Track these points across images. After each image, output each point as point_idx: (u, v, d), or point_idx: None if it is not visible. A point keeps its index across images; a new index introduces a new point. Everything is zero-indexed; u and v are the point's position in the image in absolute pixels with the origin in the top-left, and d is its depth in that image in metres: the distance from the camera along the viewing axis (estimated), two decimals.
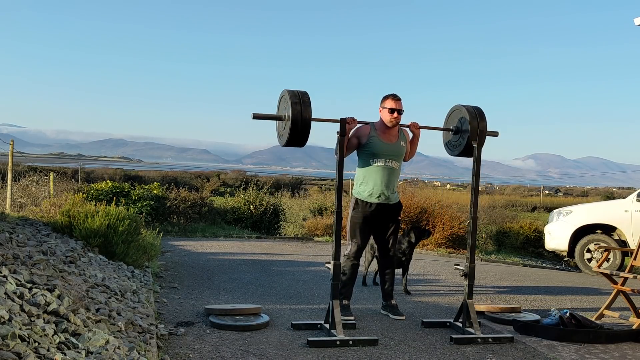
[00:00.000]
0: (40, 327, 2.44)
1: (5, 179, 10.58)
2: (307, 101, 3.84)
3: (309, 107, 3.83)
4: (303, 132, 3.85)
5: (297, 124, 3.80)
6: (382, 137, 4.38)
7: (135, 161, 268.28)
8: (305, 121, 3.81)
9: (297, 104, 3.80)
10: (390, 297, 4.61)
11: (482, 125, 4.30)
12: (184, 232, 10.33)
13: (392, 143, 4.40)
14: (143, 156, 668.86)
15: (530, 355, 3.64)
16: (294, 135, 3.85)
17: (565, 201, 31.13)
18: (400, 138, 4.46)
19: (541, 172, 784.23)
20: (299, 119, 3.79)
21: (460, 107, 4.48)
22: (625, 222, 8.64)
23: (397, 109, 4.30)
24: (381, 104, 4.39)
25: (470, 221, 4.23)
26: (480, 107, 4.38)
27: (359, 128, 4.39)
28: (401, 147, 4.46)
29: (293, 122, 3.80)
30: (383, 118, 4.38)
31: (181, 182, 25.48)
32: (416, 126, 4.50)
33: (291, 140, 3.90)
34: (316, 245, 10.04)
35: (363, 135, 4.38)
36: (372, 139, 4.36)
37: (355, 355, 3.44)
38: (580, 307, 5.41)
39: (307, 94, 3.89)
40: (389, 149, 4.38)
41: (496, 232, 11.94)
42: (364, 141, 4.37)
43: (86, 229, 5.29)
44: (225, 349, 3.38)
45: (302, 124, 3.81)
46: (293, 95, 3.85)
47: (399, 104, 4.32)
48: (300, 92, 3.89)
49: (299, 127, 3.81)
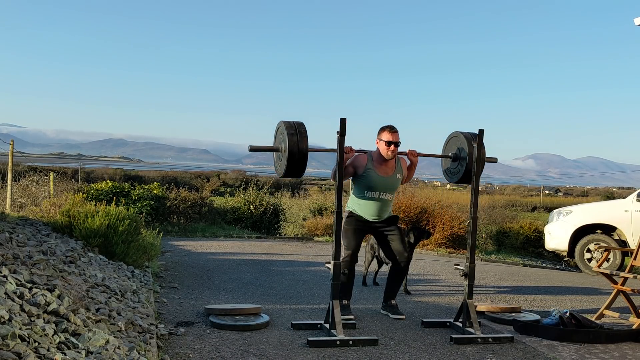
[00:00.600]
0: (40, 327, 2.44)
1: (5, 179, 10.58)
2: (303, 132, 3.82)
3: (305, 137, 3.81)
4: (300, 163, 3.83)
5: (294, 155, 3.78)
6: (378, 169, 4.38)
7: (135, 161, 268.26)
8: (302, 152, 3.80)
9: (293, 135, 3.79)
10: (391, 297, 4.62)
11: (481, 152, 4.28)
12: (184, 232, 10.33)
13: (387, 176, 4.40)
14: (143, 156, 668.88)
15: (530, 355, 3.64)
16: (291, 166, 3.83)
17: (565, 201, 31.14)
18: (397, 170, 4.46)
19: (541, 172, 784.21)
20: (296, 150, 3.78)
21: (458, 134, 4.49)
22: (625, 222, 8.64)
23: (393, 142, 4.28)
24: (378, 135, 4.38)
25: (470, 221, 4.23)
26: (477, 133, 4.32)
27: (356, 157, 4.39)
28: (397, 180, 4.47)
29: (290, 154, 3.78)
30: (380, 150, 4.35)
31: (181, 182, 25.49)
32: (414, 154, 4.50)
33: (289, 172, 3.88)
34: (316, 245, 10.04)
35: (359, 166, 4.38)
36: (369, 172, 4.36)
37: (355, 355, 3.44)
38: (580, 307, 5.41)
39: (303, 125, 3.88)
40: (385, 183, 4.39)
41: (496, 232, 11.94)
42: (360, 172, 4.38)
43: (86, 229, 5.29)
44: (225, 348, 3.38)
45: (299, 155, 3.80)
46: (289, 126, 3.84)
47: (395, 136, 4.30)
48: (297, 123, 3.88)
49: (295, 158, 3.80)
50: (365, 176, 4.37)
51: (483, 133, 4.23)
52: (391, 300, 4.60)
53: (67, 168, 28.51)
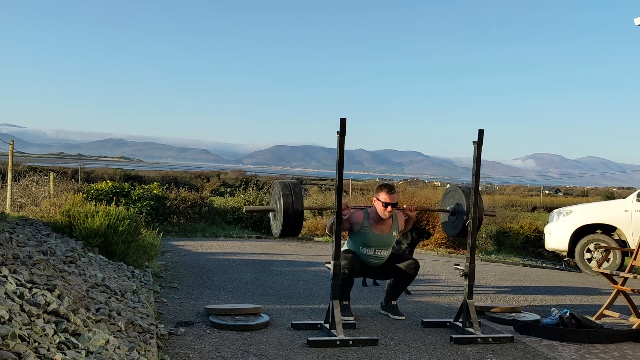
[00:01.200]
0: (40, 327, 2.44)
1: (5, 179, 10.58)
2: (298, 192, 3.85)
3: (300, 198, 3.83)
4: (296, 223, 3.83)
5: (290, 217, 3.79)
6: (375, 228, 4.38)
7: (135, 161, 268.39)
8: (298, 212, 3.81)
9: (288, 196, 3.80)
10: (393, 298, 4.62)
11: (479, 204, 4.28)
12: (184, 232, 10.33)
13: (384, 234, 4.41)
14: (143, 156, 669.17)
15: (530, 355, 3.64)
16: (286, 226, 3.84)
17: (565, 201, 31.12)
18: (393, 228, 4.46)
19: (541, 172, 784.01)
20: (291, 211, 3.79)
21: (455, 188, 4.53)
22: (625, 222, 8.64)
23: (391, 203, 4.29)
24: (375, 194, 4.39)
25: (470, 221, 4.23)
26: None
27: (352, 214, 4.40)
28: (392, 237, 4.49)
29: (285, 215, 3.79)
30: (377, 209, 4.35)
31: (181, 182, 25.49)
32: (411, 209, 4.54)
33: (285, 231, 3.88)
34: (316, 245, 10.04)
35: (355, 223, 4.39)
36: (364, 230, 4.37)
37: (355, 355, 3.44)
38: (580, 307, 5.41)
39: (298, 185, 3.92)
40: (380, 240, 4.40)
41: (496, 232, 11.93)
42: (356, 229, 4.39)
43: (86, 229, 5.29)
44: (225, 348, 3.38)
45: (294, 217, 3.80)
46: (284, 187, 3.86)
47: (393, 197, 4.30)
48: (292, 183, 3.91)
49: (291, 219, 3.80)
50: (361, 234, 4.38)
51: (483, 133, 4.22)
52: (392, 300, 4.61)
53: (67, 168, 28.51)
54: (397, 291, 4.63)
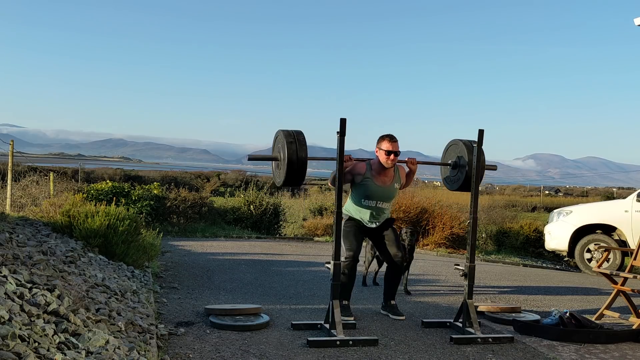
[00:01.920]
0: (40, 327, 2.44)
1: (5, 179, 10.58)
2: (302, 140, 3.81)
3: (304, 146, 3.81)
4: (299, 171, 3.82)
5: (294, 164, 3.77)
6: (377, 179, 4.38)
7: (135, 161, 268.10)
8: (302, 161, 3.79)
9: (292, 144, 3.78)
10: (391, 297, 4.62)
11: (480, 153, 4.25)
12: (184, 232, 10.33)
13: (385, 186, 4.41)
14: (143, 156, 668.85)
15: (530, 355, 3.64)
16: (290, 175, 3.81)
17: (565, 201, 31.12)
18: (395, 180, 4.47)
19: (541, 172, 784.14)
20: (295, 159, 3.77)
21: (457, 142, 4.49)
22: (625, 222, 8.64)
23: (393, 151, 4.29)
24: (377, 144, 4.37)
25: (470, 221, 4.23)
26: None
27: (354, 165, 4.39)
28: (394, 190, 4.48)
29: (289, 163, 3.77)
30: (379, 159, 4.36)
31: (181, 182, 25.49)
32: (413, 162, 4.51)
33: (288, 181, 3.86)
34: (316, 245, 10.04)
35: (358, 174, 4.39)
36: (366, 181, 4.37)
37: (355, 355, 3.44)
38: (580, 307, 5.42)
39: (302, 134, 3.88)
40: (382, 192, 4.40)
41: (496, 232, 11.94)
42: (358, 180, 4.39)
43: (86, 229, 5.29)
44: (225, 349, 3.38)
45: (298, 165, 3.78)
46: (288, 135, 3.83)
47: (395, 145, 4.30)
48: (295, 132, 3.87)
49: (295, 167, 3.78)
50: (363, 185, 4.39)
51: (483, 133, 4.22)
52: (391, 300, 4.61)
53: (67, 168, 28.51)
54: (390, 287, 4.61)
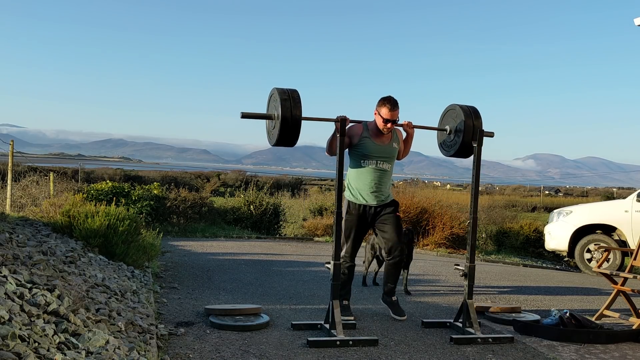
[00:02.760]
0: (40, 327, 2.43)
1: (5, 179, 10.58)
2: (297, 98, 3.73)
3: (299, 104, 3.72)
4: (293, 130, 3.73)
5: (287, 121, 3.69)
6: (374, 138, 4.29)
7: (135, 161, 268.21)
8: (295, 119, 3.71)
9: (286, 101, 3.70)
10: (391, 293, 4.53)
11: (478, 124, 4.22)
12: (184, 232, 10.33)
13: (384, 145, 4.31)
14: (143, 156, 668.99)
15: (530, 356, 3.64)
16: (284, 133, 3.74)
17: (565, 201, 31.13)
18: (393, 139, 4.37)
19: (541, 172, 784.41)
20: (289, 116, 3.69)
21: (454, 107, 4.40)
22: (625, 222, 8.64)
23: (391, 120, 4.17)
24: (377, 107, 4.22)
25: (470, 221, 4.22)
26: (476, 107, 4.30)
27: (351, 127, 4.27)
28: (393, 149, 4.37)
29: (283, 120, 3.69)
30: (377, 123, 4.24)
31: (181, 182, 25.50)
32: (410, 126, 4.37)
33: (281, 139, 3.78)
34: (316, 245, 10.04)
35: (355, 135, 4.28)
36: (364, 140, 4.27)
37: (355, 355, 3.44)
38: (580, 307, 5.42)
39: (297, 92, 3.78)
40: (381, 150, 4.30)
41: (496, 232, 11.94)
42: (356, 141, 4.28)
43: (86, 229, 5.29)
44: (225, 349, 3.38)
45: (292, 122, 3.70)
46: (282, 92, 3.75)
47: (394, 114, 4.17)
48: (290, 90, 3.78)
49: (289, 124, 3.70)
50: (361, 145, 4.27)
51: (483, 133, 4.20)
52: (392, 296, 4.53)
53: (67, 168, 28.52)
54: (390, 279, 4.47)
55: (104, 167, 41.75)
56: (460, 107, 4.33)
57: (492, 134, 4.39)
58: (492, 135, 4.39)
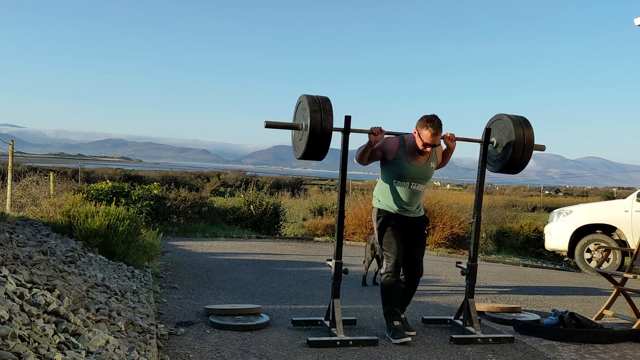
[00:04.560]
0: (40, 327, 2.43)
1: (5, 179, 10.58)
2: (328, 109, 3.43)
3: (330, 115, 3.42)
4: (322, 143, 3.43)
5: (317, 134, 3.38)
6: (411, 158, 3.87)
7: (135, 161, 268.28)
8: (326, 132, 3.40)
9: (317, 112, 3.39)
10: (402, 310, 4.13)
11: (529, 135, 3.86)
12: (184, 232, 10.33)
13: (420, 165, 3.89)
14: (143, 156, 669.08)
15: (530, 355, 3.64)
16: (312, 147, 3.45)
17: (565, 201, 31.12)
18: (431, 159, 3.94)
19: (541, 172, 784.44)
20: (319, 128, 3.38)
21: (502, 117, 4.07)
22: (625, 222, 8.64)
23: (431, 145, 3.75)
24: (418, 127, 3.78)
25: (473, 220, 4.20)
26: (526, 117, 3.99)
27: (386, 141, 3.89)
28: (430, 169, 3.96)
29: (311, 132, 3.39)
30: (417, 143, 3.81)
31: (181, 182, 25.48)
32: (452, 139, 3.98)
33: (309, 153, 3.50)
34: (316, 245, 10.04)
35: (389, 151, 3.88)
36: (399, 160, 3.86)
37: (355, 355, 3.44)
38: (580, 307, 5.41)
39: (328, 101, 3.49)
40: (417, 172, 3.88)
41: (496, 232, 11.94)
42: (390, 159, 3.89)
43: (86, 229, 5.29)
44: (225, 349, 3.38)
45: (321, 135, 3.39)
46: (313, 101, 3.45)
47: (436, 139, 3.73)
48: (321, 98, 3.49)
49: (318, 138, 3.40)
50: (395, 163, 3.87)
51: (490, 132, 4.18)
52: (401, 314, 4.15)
53: (67, 168, 28.50)
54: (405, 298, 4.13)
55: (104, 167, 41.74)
56: (508, 117, 4.03)
57: (543, 147, 4.10)
58: (543, 149, 4.11)
